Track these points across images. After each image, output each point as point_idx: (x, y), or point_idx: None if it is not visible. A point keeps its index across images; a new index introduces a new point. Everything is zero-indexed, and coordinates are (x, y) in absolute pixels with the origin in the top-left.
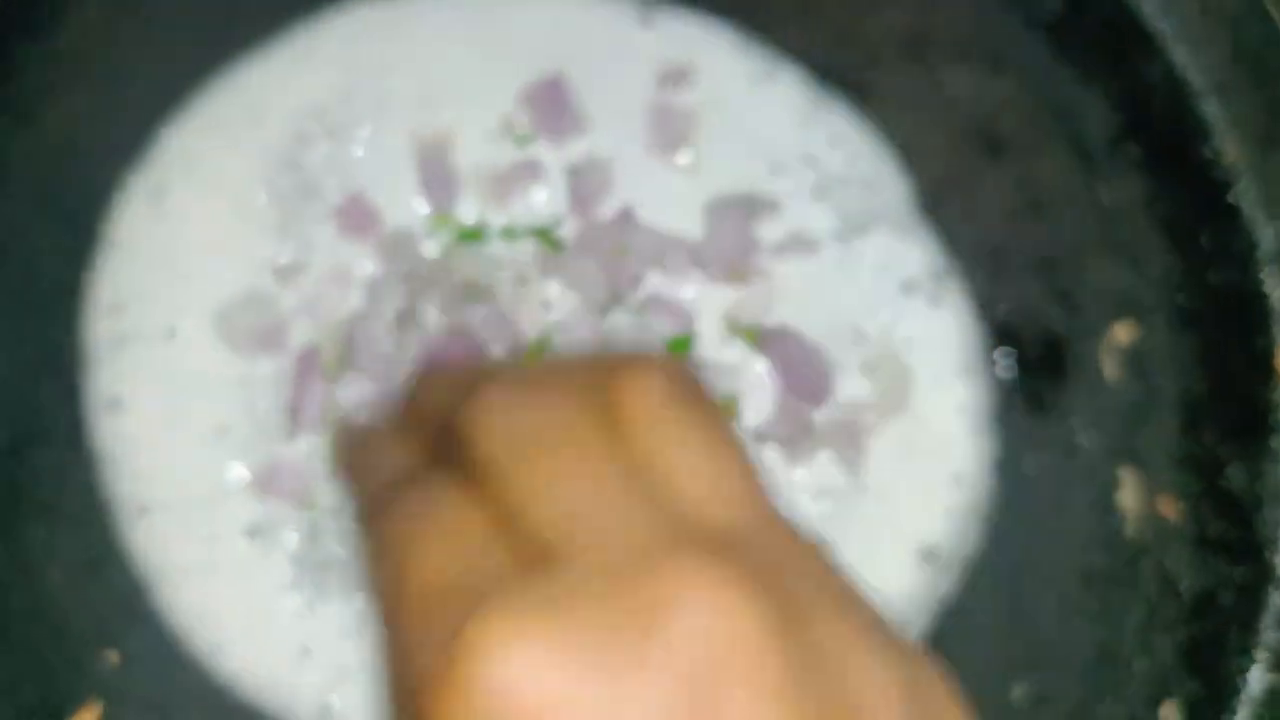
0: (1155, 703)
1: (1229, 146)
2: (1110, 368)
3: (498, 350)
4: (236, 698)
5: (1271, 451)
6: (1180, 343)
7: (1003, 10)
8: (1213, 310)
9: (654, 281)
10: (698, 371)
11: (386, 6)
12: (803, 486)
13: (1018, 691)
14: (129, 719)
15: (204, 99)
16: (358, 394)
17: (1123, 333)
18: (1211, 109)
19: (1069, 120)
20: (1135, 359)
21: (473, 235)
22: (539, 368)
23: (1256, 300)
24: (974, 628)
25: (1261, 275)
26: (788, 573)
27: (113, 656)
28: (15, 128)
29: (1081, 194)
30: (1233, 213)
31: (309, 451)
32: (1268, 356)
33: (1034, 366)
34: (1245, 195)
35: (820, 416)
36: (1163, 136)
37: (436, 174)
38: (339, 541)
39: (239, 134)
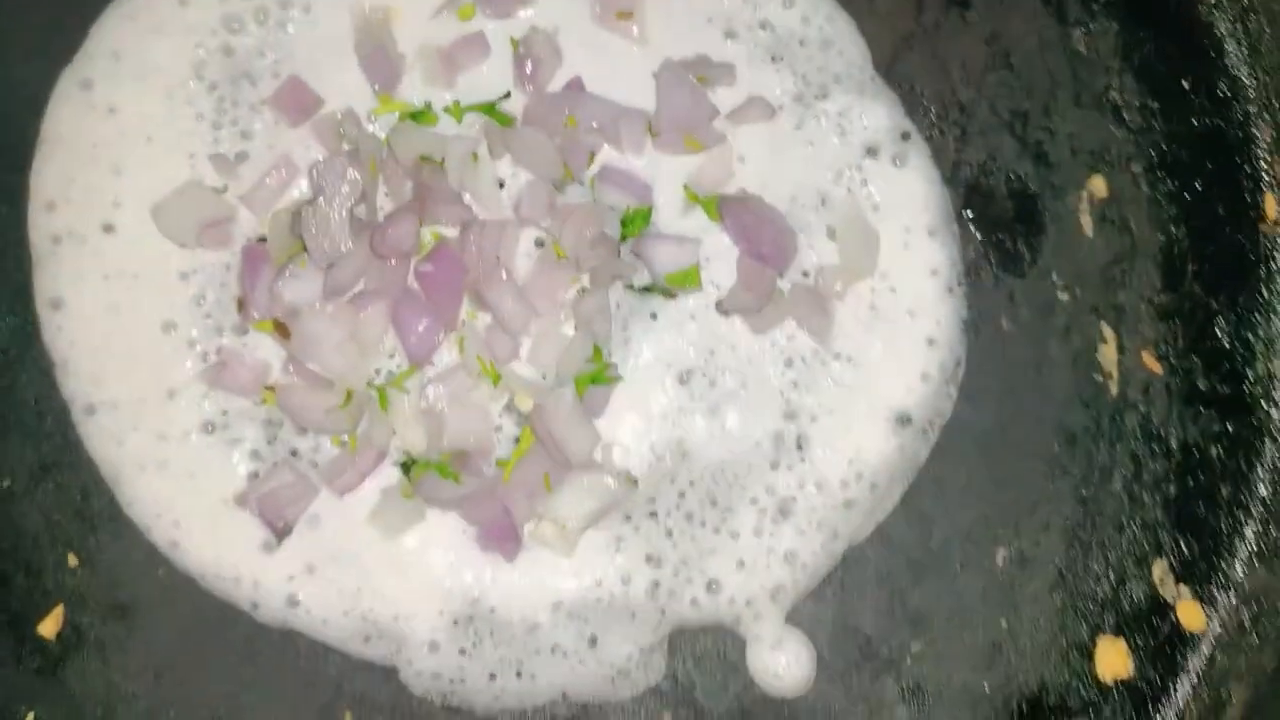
0: (1145, 562)
1: None
2: (1087, 222)
3: (450, 232)
4: (200, 594)
5: (1262, 301)
6: (1160, 193)
7: None
8: (1194, 157)
9: (608, 154)
10: None
11: None
12: (771, 356)
13: (1001, 555)
14: (91, 621)
15: None
16: (308, 284)
17: (1099, 185)
18: None
19: None
20: (1113, 212)
21: (419, 115)
22: None
23: (1241, 144)
24: (953, 492)
25: (1246, 117)
26: None
27: (71, 559)
28: None
29: (1054, 44)
30: (1215, 54)
31: (260, 343)
32: (1254, 201)
33: (1007, 224)
34: (1228, 35)
35: (786, 284)
36: None
37: (377, 52)
38: (296, 433)
39: (165, 21)
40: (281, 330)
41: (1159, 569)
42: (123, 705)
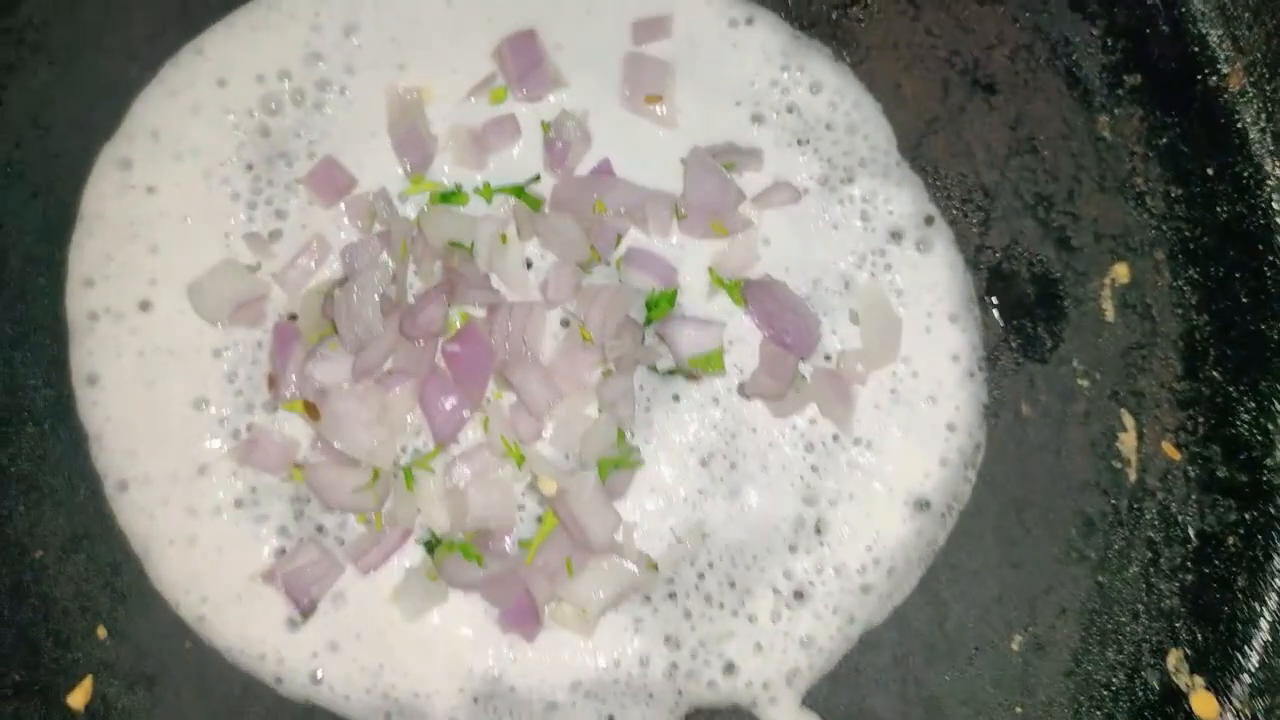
0: (1160, 651)
1: (1234, 74)
2: (1109, 308)
3: (478, 312)
4: (226, 667)
5: None
6: (1182, 280)
7: None
8: (1217, 244)
9: (635, 236)
10: None
11: None
12: (791, 439)
13: (1017, 640)
14: (119, 692)
15: (169, 68)
16: (337, 365)
17: (1122, 271)
18: (1216, 35)
19: (1065, 53)
20: (1135, 298)
21: (450, 196)
22: None
23: (1264, 232)
24: (970, 577)
25: (1269, 205)
26: None
27: (100, 631)
28: None
29: (1079, 129)
30: (1239, 142)
31: (289, 420)
32: (1276, 290)
33: (1029, 309)
34: (1252, 124)
35: (808, 368)
36: (1165, 65)
37: (410, 134)
38: (323, 509)
39: (204, 101)
40: (311, 411)
41: (1174, 658)
42: None
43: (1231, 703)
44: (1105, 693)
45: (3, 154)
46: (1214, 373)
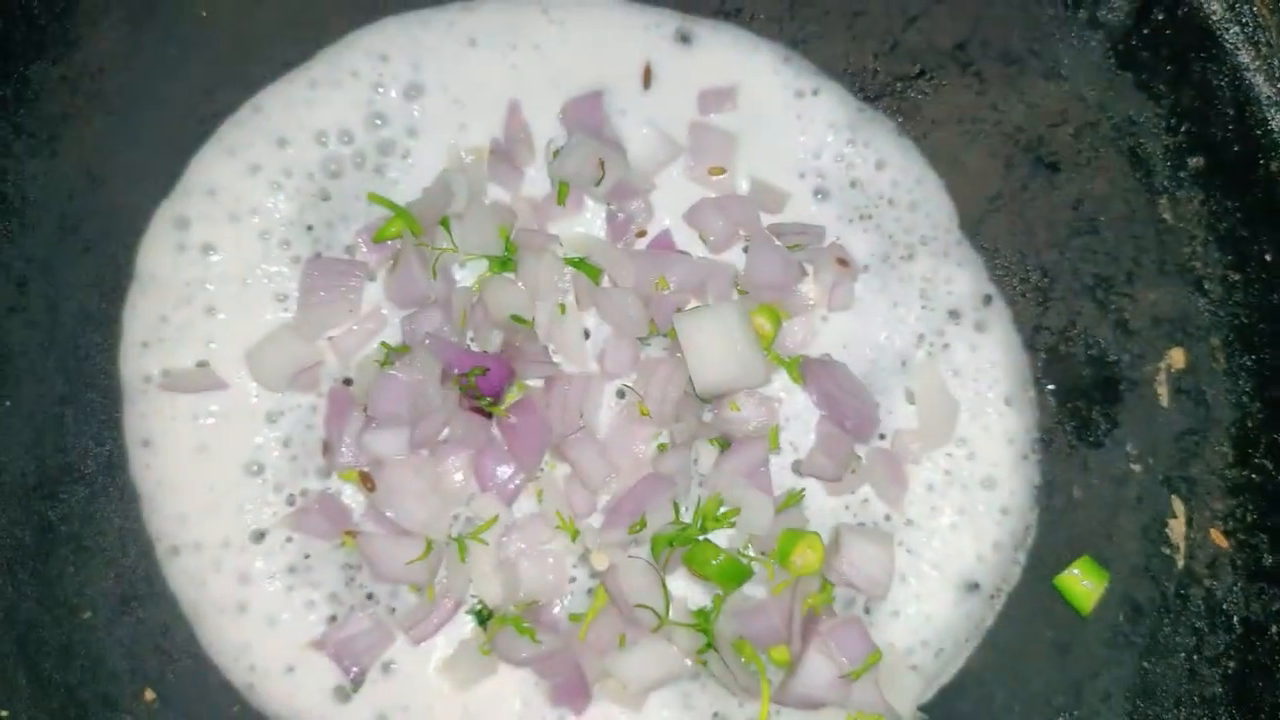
0: None
1: None
2: (1164, 393)
3: (535, 383)
4: None
5: None
6: (1235, 365)
7: (1059, 14)
8: (1273, 331)
9: None
10: None
11: (414, 24)
12: (844, 519)
13: None
14: None
15: (229, 126)
16: (394, 435)
17: (1178, 356)
18: (1279, 120)
19: (1129, 134)
20: (1189, 383)
21: (508, 264)
22: None
23: None
24: (1018, 660)
25: None
26: None
27: (148, 694)
28: (36, 155)
29: (1140, 211)
30: None
31: (342, 487)
32: None
33: (1085, 392)
34: None
35: (863, 448)
36: (1227, 149)
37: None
38: (373, 577)
39: (263, 161)
40: (367, 482)
41: None
42: None
43: None
44: None
45: (57, 207)
46: (1265, 461)
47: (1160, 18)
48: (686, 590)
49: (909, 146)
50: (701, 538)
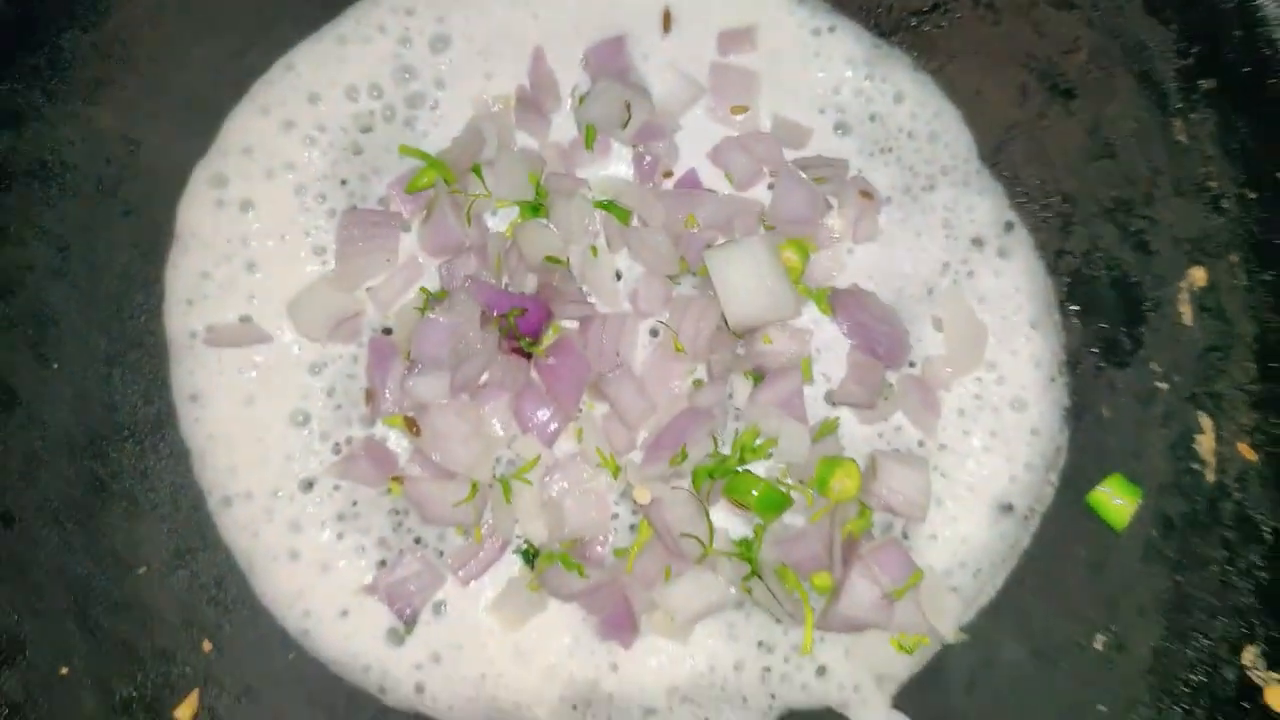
0: (1236, 647)
1: None
2: (1187, 311)
3: (570, 324)
4: (330, 677)
5: None
6: (1256, 281)
7: None
8: None
9: None
10: None
11: None
12: (879, 447)
13: (1100, 640)
14: (224, 705)
15: (261, 85)
16: (437, 380)
17: (1199, 274)
18: None
19: (1140, 57)
20: (1211, 301)
21: (539, 209)
22: None
23: None
24: (1053, 579)
25: None
26: None
27: (206, 644)
28: (71, 121)
29: (1155, 133)
30: None
31: (387, 434)
32: None
33: (1109, 314)
34: None
35: (894, 376)
36: (1237, 69)
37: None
38: (421, 521)
39: (296, 117)
40: (412, 426)
41: (1249, 654)
42: None
43: None
44: (1184, 689)
45: (95, 171)
46: None
47: None
48: (727, 522)
49: (925, 80)
50: (740, 469)
